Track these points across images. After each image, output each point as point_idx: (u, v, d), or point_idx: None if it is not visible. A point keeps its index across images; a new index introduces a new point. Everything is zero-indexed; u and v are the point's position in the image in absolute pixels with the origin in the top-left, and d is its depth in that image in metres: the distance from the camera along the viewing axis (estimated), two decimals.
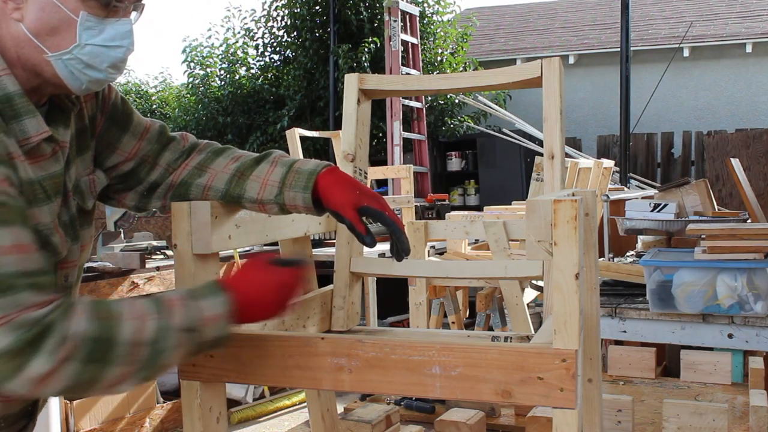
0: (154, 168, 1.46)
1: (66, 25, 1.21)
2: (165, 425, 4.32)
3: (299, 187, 1.38)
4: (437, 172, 9.80)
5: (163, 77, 15.18)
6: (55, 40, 1.22)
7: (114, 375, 1.10)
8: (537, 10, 13.87)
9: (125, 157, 1.44)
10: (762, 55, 10.30)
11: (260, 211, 1.44)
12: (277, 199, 1.40)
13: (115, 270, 4.05)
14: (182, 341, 1.16)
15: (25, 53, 1.22)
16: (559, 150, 1.63)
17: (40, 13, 1.20)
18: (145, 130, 1.46)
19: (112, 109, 1.43)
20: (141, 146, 1.45)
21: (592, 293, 1.54)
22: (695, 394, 2.72)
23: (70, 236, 1.31)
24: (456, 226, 3.31)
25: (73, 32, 1.22)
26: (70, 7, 1.21)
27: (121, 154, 1.43)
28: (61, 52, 1.22)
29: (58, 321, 1.05)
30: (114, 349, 1.08)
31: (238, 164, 1.44)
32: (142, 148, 1.45)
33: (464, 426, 2.19)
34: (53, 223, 1.24)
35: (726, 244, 2.80)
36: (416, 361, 1.21)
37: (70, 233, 1.31)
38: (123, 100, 1.45)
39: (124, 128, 1.43)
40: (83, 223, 1.37)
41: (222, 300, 1.22)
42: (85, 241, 1.38)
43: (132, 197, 1.48)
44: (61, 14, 1.21)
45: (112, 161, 1.43)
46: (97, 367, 1.07)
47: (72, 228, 1.32)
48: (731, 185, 6.90)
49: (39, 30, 1.21)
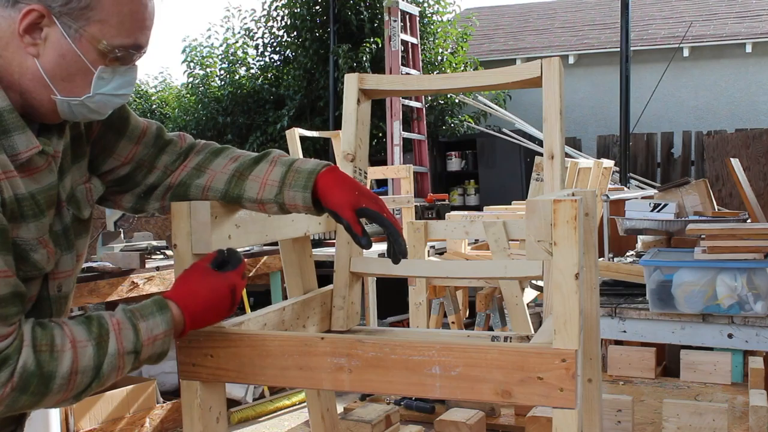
0: (152, 171, 1.45)
1: (83, 75, 1.22)
2: (165, 425, 4.32)
3: (299, 187, 1.38)
4: (437, 172, 9.79)
5: (163, 77, 15.16)
6: (68, 86, 1.22)
7: (52, 401, 1.16)
8: (536, 10, 13.87)
9: (122, 161, 1.43)
10: (762, 55, 10.30)
11: (260, 211, 1.44)
12: (276, 198, 1.39)
13: (115, 270, 4.05)
14: (121, 364, 1.20)
15: (31, 86, 1.21)
16: (559, 150, 1.63)
17: (60, 60, 1.20)
18: (142, 133, 1.45)
19: None
20: (138, 150, 1.44)
21: (592, 293, 1.54)
22: (695, 394, 2.72)
23: (62, 246, 1.30)
24: (456, 226, 3.31)
25: (88, 82, 1.22)
26: (91, 59, 1.21)
27: (118, 158, 1.42)
28: (71, 98, 1.23)
29: (13, 354, 1.10)
30: (53, 382, 1.13)
31: (237, 164, 1.43)
32: (139, 152, 1.44)
33: (464, 426, 2.19)
34: (40, 238, 1.23)
35: (726, 244, 2.80)
36: (416, 361, 1.21)
37: (62, 243, 1.30)
38: None
39: (120, 132, 1.42)
40: (79, 232, 1.36)
41: (166, 317, 1.24)
42: (81, 251, 1.37)
43: (129, 199, 1.47)
44: (80, 64, 1.21)
45: (108, 165, 1.42)
46: (36, 397, 1.13)
47: (65, 238, 1.31)
48: (731, 185, 6.90)
49: (54, 74, 1.21)
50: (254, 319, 1.50)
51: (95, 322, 1.19)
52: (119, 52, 1.22)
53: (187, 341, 1.35)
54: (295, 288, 1.76)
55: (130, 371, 1.24)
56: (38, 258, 1.23)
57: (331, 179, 1.39)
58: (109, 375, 1.19)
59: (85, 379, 1.16)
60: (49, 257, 1.25)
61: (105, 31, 1.20)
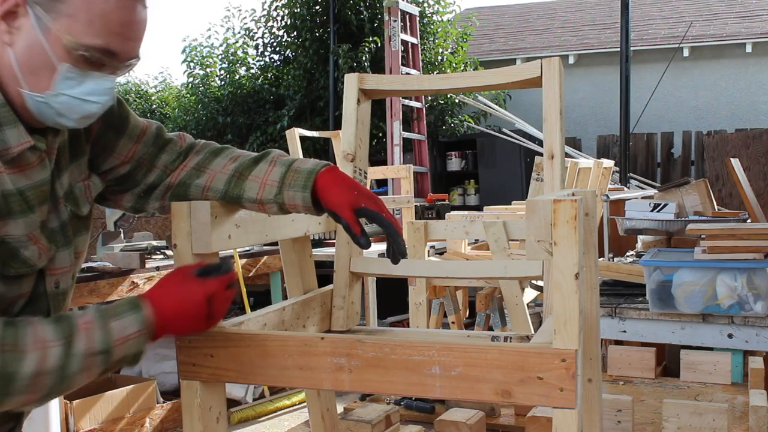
0: (152, 170, 1.45)
1: (48, 70, 1.19)
2: (165, 425, 4.32)
3: (298, 187, 1.38)
4: (437, 172, 9.79)
5: (163, 77, 15.16)
6: (34, 79, 1.19)
7: (16, 402, 1.12)
8: (536, 10, 13.87)
9: (121, 160, 1.42)
10: (762, 55, 10.30)
11: (260, 211, 1.43)
12: (276, 198, 1.39)
13: (115, 270, 4.05)
14: (90, 364, 1.17)
15: (6, 77, 1.20)
16: (559, 150, 1.63)
17: (28, 50, 1.18)
18: (141, 132, 1.44)
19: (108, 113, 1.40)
20: (137, 149, 1.43)
21: (592, 293, 1.54)
22: (695, 394, 2.72)
23: (59, 242, 1.30)
24: (456, 226, 3.31)
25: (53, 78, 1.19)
26: (57, 54, 1.18)
27: (118, 157, 1.42)
28: (36, 94, 1.20)
29: None
30: (15, 383, 1.10)
31: (237, 164, 1.43)
32: (139, 151, 1.44)
33: (464, 426, 2.19)
34: (30, 234, 1.22)
35: (726, 244, 2.80)
36: (416, 361, 1.21)
37: (59, 240, 1.30)
38: (120, 102, 1.43)
39: (120, 131, 1.42)
40: (79, 228, 1.36)
41: (139, 317, 1.21)
42: (81, 248, 1.37)
43: (128, 199, 1.47)
44: (44, 58, 1.18)
45: (108, 164, 1.42)
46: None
47: (63, 234, 1.31)
48: (731, 185, 6.90)
49: (22, 65, 1.19)
50: (254, 319, 1.50)
51: (65, 321, 1.16)
52: (87, 53, 1.18)
53: (188, 341, 1.35)
54: (295, 288, 1.76)
55: (103, 373, 1.21)
56: (29, 255, 1.22)
57: (330, 179, 1.39)
58: (76, 376, 1.15)
59: (51, 380, 1.13)
60: (40, 253, 1.25)
61: (72, 27, 1.17)
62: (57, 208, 1.29)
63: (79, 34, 1.18)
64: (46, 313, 1.30)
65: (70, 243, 1.33)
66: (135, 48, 1.25)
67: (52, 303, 1.32)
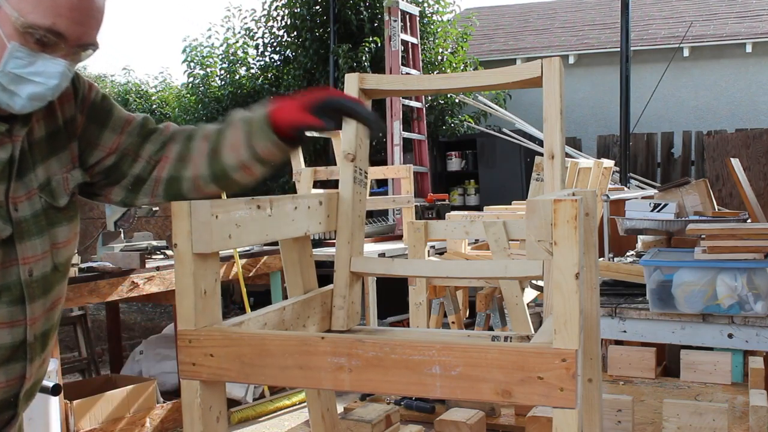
0: (137, 160, 1.47)
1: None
2: (165, 425, 4.32)
3: (263, 136, 1.39)
4: (437, 172, 9.79)
5: (163, 77, 15.11)
6: None
7: None
8: (536, 10, 13.86)
9: (107, 152, 1.45)
10: (762, 55, 10.29)
11: (250, 176, 1.46)
12: (253, 156, 1.41)
13: (115, 270, 4.05)
14: None
15: None
16: (559, 150, 1.63)
17: None
18: (126, 123, 1.47)
19: (91, 108, 1.43)
20: (122, 140, 1.46)
21: (592, 293, 1.54)
22: (695, 394, 2.71)
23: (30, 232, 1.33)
24: (456, 226, 3.31)
25: (1, 56, 1.22)
26: (7, 32, 1.21)
27: (103, 149, 1.45)
28: None
29: None
30: None
31: (210, 143, 1.46)
32: (123, 142, 1.46)
33: (464, 426, 2.19)
34: None
35: (726, 244, 2.80)
36: (416, 360, 1.21)
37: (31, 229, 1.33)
38: (103, 97, 1.46)
39: (103, 124, 1.44)
40: (58, 219, 1.39)
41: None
42: (61, 239, 1.40)
43: (117, 192, 1.49)
44: None
45: (94, 158, 1.45)
46: None
47: (35, 224, 1.34)
48: (731, 185, 6.90)
49: None
50: (254, 319, 1.50)
51: None
52: (34, 32, 1.20)
53: (188, 341, 1.35)
54: (295, 288, 1.76)
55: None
56: None
57: (277, 110, 1.40)
58: None
59: None
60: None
61: (21, 6, 1.20)
62: (31, 198, 1.33)
63: (28, 13, 1.20)
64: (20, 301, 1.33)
65: (42, 232, 1.36)
66: (86, 33, 1.27)
67: (26, 291, 1.34)
